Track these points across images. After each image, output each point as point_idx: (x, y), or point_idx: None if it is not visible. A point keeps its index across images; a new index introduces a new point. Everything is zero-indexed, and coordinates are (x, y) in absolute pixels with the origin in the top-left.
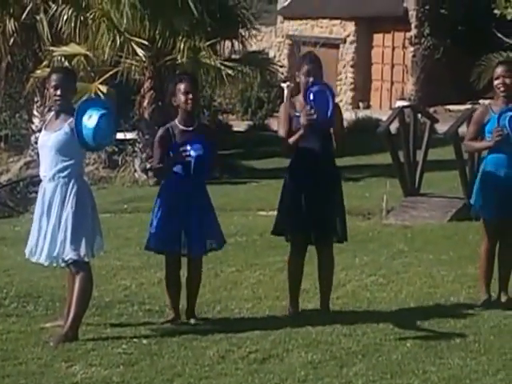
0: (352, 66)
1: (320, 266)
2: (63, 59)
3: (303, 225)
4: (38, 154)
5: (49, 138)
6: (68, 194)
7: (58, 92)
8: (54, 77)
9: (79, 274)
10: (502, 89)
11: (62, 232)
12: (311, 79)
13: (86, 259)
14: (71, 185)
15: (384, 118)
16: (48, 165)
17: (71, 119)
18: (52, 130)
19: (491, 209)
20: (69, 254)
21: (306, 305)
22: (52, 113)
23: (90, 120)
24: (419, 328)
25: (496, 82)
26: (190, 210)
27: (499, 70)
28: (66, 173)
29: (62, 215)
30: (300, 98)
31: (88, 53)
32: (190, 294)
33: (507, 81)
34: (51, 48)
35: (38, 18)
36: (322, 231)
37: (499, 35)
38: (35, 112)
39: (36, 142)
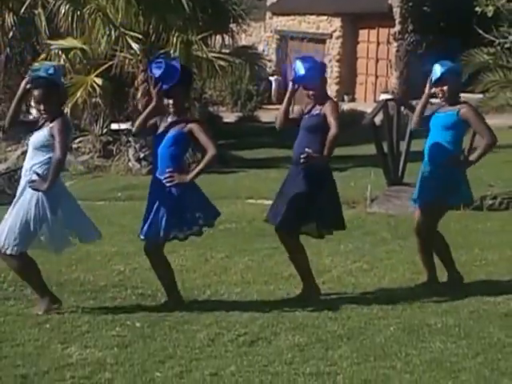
0: (338, 61)
1: None
2: (60, 52)
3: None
4: None
5: (32, 138)
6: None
7: (42, 107)
8: (35, 93)
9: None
10: (440, 95)
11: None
12: None
13: (8, 252)
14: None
15: (369, 111)
16: (26, 159)
17: (51, 124)
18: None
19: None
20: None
21: (294, 290)
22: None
23: None
24: (402, 312)
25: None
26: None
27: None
28: (37, 167)
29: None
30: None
31: (84, 46)
32: None
33: (444, 88)
34: (49, 41)
35: (36, 12)
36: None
37: (480, 31)
38: (32, 103)
39: (32, 132)
